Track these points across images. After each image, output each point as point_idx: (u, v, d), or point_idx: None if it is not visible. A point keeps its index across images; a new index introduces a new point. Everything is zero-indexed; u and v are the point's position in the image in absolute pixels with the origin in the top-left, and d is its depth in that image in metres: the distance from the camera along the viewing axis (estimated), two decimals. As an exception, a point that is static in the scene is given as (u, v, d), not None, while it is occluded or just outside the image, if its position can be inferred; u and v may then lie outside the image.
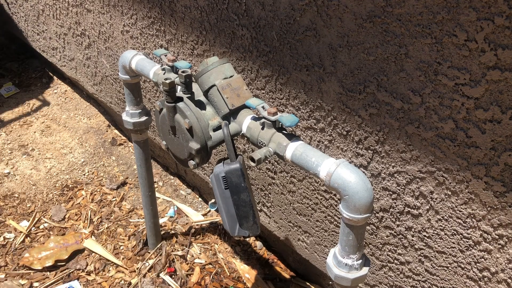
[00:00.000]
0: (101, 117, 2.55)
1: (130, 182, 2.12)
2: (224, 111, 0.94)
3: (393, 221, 1.07)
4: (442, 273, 1.02)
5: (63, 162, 2.21)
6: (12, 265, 1.66)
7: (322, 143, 1.15)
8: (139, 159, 1.47)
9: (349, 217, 0.76)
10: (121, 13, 1.70)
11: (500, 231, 0.86)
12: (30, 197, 1.99)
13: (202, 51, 1.40)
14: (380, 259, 1.17)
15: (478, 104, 0.78)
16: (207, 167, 1.75)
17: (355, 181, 0.75)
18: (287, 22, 1.05)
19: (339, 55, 0.97)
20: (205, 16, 1.30)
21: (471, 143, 0.82)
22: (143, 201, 1.59)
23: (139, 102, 1.36)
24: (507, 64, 0.71)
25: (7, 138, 2.34)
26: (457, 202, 0.91)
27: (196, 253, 1.74)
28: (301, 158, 0.82)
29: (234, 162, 0.87)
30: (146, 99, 1.89)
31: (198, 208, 1.99)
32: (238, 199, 0.88)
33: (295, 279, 1.65)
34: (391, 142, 0.97)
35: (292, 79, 1.13)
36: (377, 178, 1.05)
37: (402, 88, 0.88)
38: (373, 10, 0.86)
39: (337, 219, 1.24)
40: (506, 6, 0.68)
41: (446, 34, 0.77)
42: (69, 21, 2.15)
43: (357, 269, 0.82)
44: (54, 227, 1.84)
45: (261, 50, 1.17)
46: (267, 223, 1.57)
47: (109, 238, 1.80)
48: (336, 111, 1.06)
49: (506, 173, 0.80)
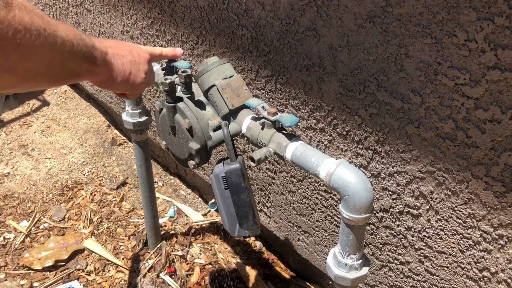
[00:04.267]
0: (101, 117, 2.55)
1: (130, 182, 2.12)
2: (224, 111, 0.94)
3: (393, 221, 1.07)
4: (442, 273, 1.02)
5: (63, 162, 2.21)
6: (12, 265, 1.66)
7: (322, 143, 1.15)
8: (139, 159, 1.47)
9: (349, 217, 0.76)
10: (121, 13, 1.70)
11: (500, 231, 0.86)
12: (30, 197, 1.99)
13: (202, 51, 1.40)
14: (380, 259, 1.17)
15: (478, 104, 0.78)
16: (207, 167, 1.75)
17: (355, 181, 0.75)
18: (287, 22, 1.05)
19: (339, 55, 0.97)
20: (205, 16, 1.30)
21: (471, 143, 0.82)
22: (143, 201, 1.59)
23: (139, 102, 1.36)
24: (507, 64, 0.71)
25: (7, 138, 2.34)
26: (457, 202, 0.91)
27: (196, 253, 1.74)
28: (301, 158, 0.82)
29: (234, 162, 0.87)
30: (146, 99, 1.89)
31: (198, 208, 1.99)
32: (238, 199, 0.88)
33: (295, 279, 1.65)
34: (391, 142, 0.97)
35: (292, 79, 1.13)
36: (377, 178, 1.05)
37: (402, 88, 0.88)
38: (373, 10, 0.86)
39: (337, 219, 1.24)
40: (506, 6, 0.68)
41: (446, 34, 0.77)
42: (69, 21, 2.15)
43: (357, 269, 0.82)
44: (54, 227, 1.84)
45: (261, 50, 1.17)
46: (267, 223, 1.57)
47: (109, 238, 1.80)
48: (336, 111, 1.06)
49: (506, 173, 0.80)
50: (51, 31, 0.57)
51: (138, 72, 0.82)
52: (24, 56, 0.54)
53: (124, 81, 0.79)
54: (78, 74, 0.67)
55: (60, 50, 0.60)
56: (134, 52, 0.83)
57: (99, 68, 0.72)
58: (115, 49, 0.77)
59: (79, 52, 0.64)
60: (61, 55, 0.61)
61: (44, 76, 0.61)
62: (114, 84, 0.78)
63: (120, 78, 0.78)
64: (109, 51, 0.74)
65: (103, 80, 0.76)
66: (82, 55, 0.66)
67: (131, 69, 0.80)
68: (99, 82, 0.76)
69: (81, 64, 0.66)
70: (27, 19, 0.52)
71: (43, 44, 0.56)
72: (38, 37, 0.54)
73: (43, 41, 0.55)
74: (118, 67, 0.77)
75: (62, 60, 0.62)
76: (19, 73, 0.56)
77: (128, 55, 0.80)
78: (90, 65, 0.69)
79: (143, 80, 0.84)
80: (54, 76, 0.63)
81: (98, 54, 0.70)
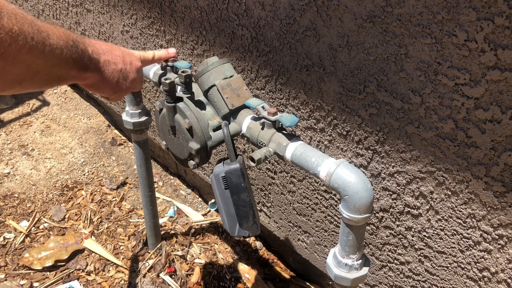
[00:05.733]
0: (101, 117, 2.55)
1: (130, 182, 2.12)
2: (224, 111, 0.94)
3: (393, 221, 1.07)
4: (442, 273, 1.02)
5: (63, 162, 2.21)
6: (12, 265, 1.66)
7: (322, 143, 1.15)
8: (139, 159, 1.47)
9: (349, 217, 0.76)
10: (121, 13, 1.70)
11: (500, 231, 0.86)
12: (30, 197, 1.99)
13: (202, 51, 1.40)
14: (380, 259, 1.17)
15: (478, 104, 0.78)
16: (207, 167, 1.75)
17: (355, 181, 0.75)
18: (287, 22, 1.05)
19: (339, 55, 0.97)
20: (205, 16, 1.30)
21: (471, 143, 0.82)
22: (143, 201, 1.59)
23: (139, 102, 1.36)
24: (507, 64, 0.71)
25: (7, 138, 2.34)
26: (457, 202, 0.91)
27: (196, 253, 1.74)
28: (301, 158, 0.82)
29: (234, 162, 0.87)
30: (146, 99, 1.89)
31: (198, 208, 1.99)
32: (238, 199, 0.88)
33: (295, 279, 1.65)
34: (391, 142, 0.97)
35: (292, 79, 1.13)
36: (377, 178, 1.05)
37: (402, 88, 0.88)
38: (373, 10, 0.86)
39: (337, 219, 1.24)
40: (506, 6, 0.68)
41: (446, 34, 0.77)
42: (69, 21, 2.15)
43: (357, 269, 0.82)
44: (54, 227, 1.84)
45: (261, 50, 1.17)
46: (267, 223, 1.57)
47: (109, 238, 1.80)
48: (336, 111, 1.06)
49: (506, 173, 0.80)
50: (40, 39, 0.57)
51: (125, 81, 0.84)
52: (9, 63, 0.54)
53: (110, 88, 0.81)
54: (65, 79, 0.68)
55: (48, 57, 0.60)
56: (127, 60, 0.83)
57: (87, 74, 0.73)
58: (108, 55, 0.77)
59: (68, 59, 0.65)
60: (48, 62, 0.61)
61: (30, 82, 0.62)
62: (99, 89, 0.80)
63: (107, 85, 0.80)
64: (101, 58, 0.75)
65: (89, 84, 0.77)
66: (72, 62, 0.66)
67: (119, 77, 0.81)
68: (85, 84, 0.77)
69: (69, 71, 0.67)
70: (15, 28, 0.52)
71: (30, 52, 0.56)
72: (24, 46, 0.54)
73: (30, 49, 0.56)
74: (107, 75, 0.78)
75: (50, 66, 0.62)
76: (4, 80, 0.56)
77: (119, 63, 0.81)
78: (79, 71, 0.70)
79: (128, 90, 0.86)
80: (41, 81, 0.63)
81: (89, 62, 0.71)
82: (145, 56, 0.95)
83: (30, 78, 0.61)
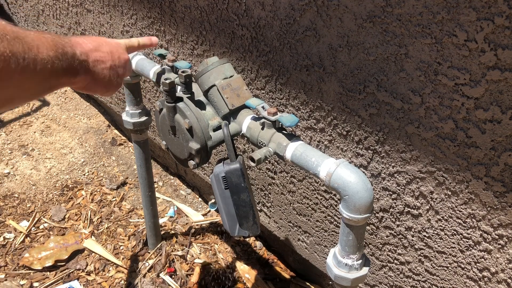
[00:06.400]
0: (101, 117, 2.55)
1: (130, 182, 2.12)
2: (224, 111, 0.94)
3: (393, 221, 1.07)
4: (442, 273, 1.02)
5: (63, 162, 2.21)
6: (12, 265, 1.66)
7: (322, 143, 1.15)
8: (139, 159, 1.47)
9: (349, 217, 0.76)
10: (121, 13, 1.70)
11: (500, 231, 0.86)
12: (30, 197, 1.99)
13: (202, 51, 1.40)
14: (380, 259, 1.17)
15: (478, 104, 0.78)
16: (207, 167, 1.75)
17: (355, 181, 0.75)
18: (287, 22, 1.05)
19: (339, 55, 0.97)
20: (205, 16, 1.30)
21: (471, 143, 0.82)
22: (143, 201, 1.59)
23: (139, 102, 1.36)
24: (507, 64, 0.71)
25: (7, 138, 2.34)
26: (457, 202, 0.91)
27: (196, 253, 1.74)
28: (301, 158, 0.82)
29: (234, 162, 0.87)
30: (146, 99, 1.89)
31: (198, 208, 1.99)
32: (238, 199, 0.88)
33: (295, 279, 1.65)
34: (391, 142, 0.97)
35: (292, 79, 1.13)
36: (377, 178, 1.05)
37: (402, 88, 0.88)
38: (373, 10, 0.86)
39: (337, 219, 1.24)
40: (506, 6, 0.68)
41: (446, 34, 0.77)
42: (69, 21, 2.15)
43: (357, 269, 0.82)
44: (54, 227, 1.84)
45: (261, 50, 1.17)
46: (267, 223, 1.57)
47: (109, 238, 1.80)
48: (336, 111, 1.06)
49: (506, 173, 0.80)
50: (31, 57, 0.56)
51: (117, 77, 0.83)
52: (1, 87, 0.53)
53: (102, 87, 0.81)
54: (56, 86, 0.68)
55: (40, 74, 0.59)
56: (115, 54, 0.83)
57: (78, 78, 0.72)
58: (96, 53, 0.76)
59: (59, 70, 0.64)
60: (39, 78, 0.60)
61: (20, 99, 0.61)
62: (91, 90, 0.79)
63: (99, 85, 0.79)
64: (90, 58, 0.74)
65: (80, 87, 0.76)
66: (62, 71, 0.66)
67: (110, 74, 0.80)
68: (77, 87, 0.77)
69: (60, 79, 0.66)
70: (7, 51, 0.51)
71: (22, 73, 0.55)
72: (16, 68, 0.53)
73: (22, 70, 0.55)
74: (98, 75, 0.77)
75: (41, 81, 0.61)
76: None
77: (108, 60, 0.80)
78: (69, 78, 0.69)
79: (119, 84, 0.86)
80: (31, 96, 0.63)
81: (79, 66, 0.70)
82: (131, 44, 0.96)
83: (21, 96, 0.60)
